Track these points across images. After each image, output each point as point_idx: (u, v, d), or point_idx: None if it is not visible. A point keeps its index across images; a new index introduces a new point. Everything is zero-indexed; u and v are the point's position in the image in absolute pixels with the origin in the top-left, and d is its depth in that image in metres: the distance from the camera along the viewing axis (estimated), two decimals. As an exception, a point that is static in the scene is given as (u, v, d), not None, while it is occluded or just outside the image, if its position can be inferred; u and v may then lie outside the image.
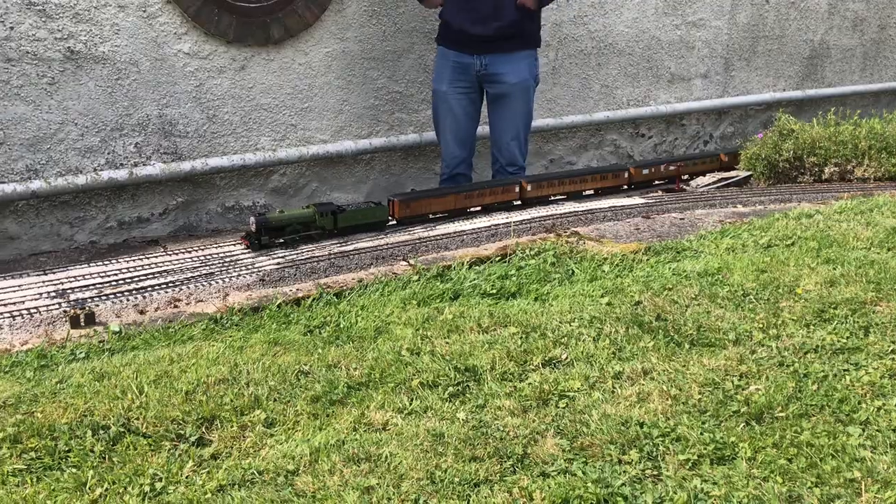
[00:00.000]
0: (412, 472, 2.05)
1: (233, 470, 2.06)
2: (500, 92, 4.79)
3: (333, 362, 2.60)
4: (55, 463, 2.09)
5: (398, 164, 5.48)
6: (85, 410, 2.27)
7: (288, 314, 2.98)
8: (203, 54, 4.70)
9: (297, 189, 5.19)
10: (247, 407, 2.34)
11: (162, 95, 4.63)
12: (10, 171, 4.33)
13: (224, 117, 4.83)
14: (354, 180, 5.36)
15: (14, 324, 2.75)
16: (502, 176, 4.82)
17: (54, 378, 2.45)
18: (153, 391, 2.38)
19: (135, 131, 4.61)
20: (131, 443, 2.18)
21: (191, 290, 3.06)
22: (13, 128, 4.30)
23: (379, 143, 5.27)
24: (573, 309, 2.98)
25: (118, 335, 2.76)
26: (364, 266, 3.35)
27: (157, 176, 4.63)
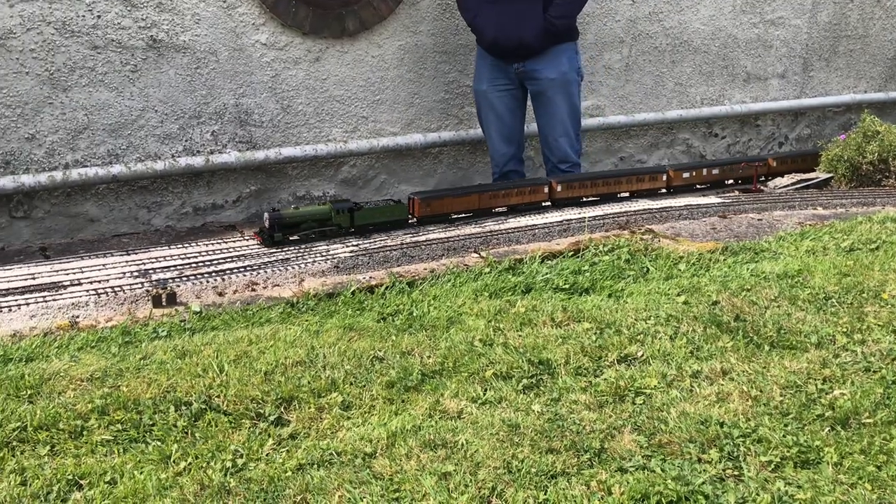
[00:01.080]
0: (489, 460, 2.04)
1: (311, 450, 2.09)
2: (540, 89, 4.73)
3: (407, 350, 2.62)
4: (140, 435, 2.15)
5: (466, 158, 5.48)
6: (168, 386, 2.33)
7: (362, 301, 3.01)
8: (279, 45, 4.77)
9: (366, 181, 5.23)
10: (324, 389, 2.37)
11: (238, 85, 4.72)
12: (92, 155, 4.47)
13: (298, 108, 4.90)
14: (422, 173, 5.38)
15: (99, 301, 2.84)
16: (556, 175, 4.75)
17: (138, 354, 2.52)
18: (233, 370, 2.42)
19: (212, 120, 4.71)
20: (212, 419, 2.22)
21: (268, 274, 3.11)
22: (97, 113, 4.44)
23: (448, 137, 5.27)
24: (648, 307, 2.94)
25: (198, 315, 2.82)
26: (435, 256, 3.35)
27: (232, 164, 4.72)
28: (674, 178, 4.51)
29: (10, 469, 1.98)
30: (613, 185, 4.34)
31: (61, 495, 1.90)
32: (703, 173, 4.65)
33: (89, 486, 1.93)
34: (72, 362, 2.45)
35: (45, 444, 2.09)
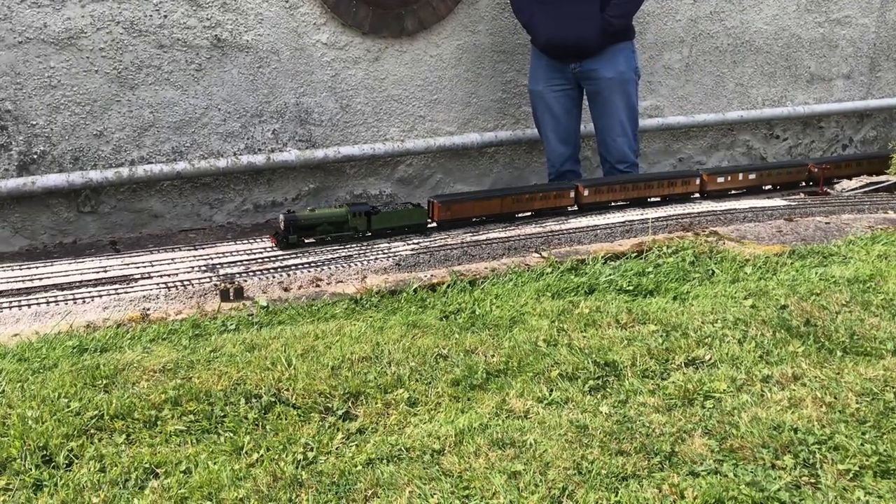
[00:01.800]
0: (558, 461, 2.03)
1: (380, 445, 2.10)
2: (597, 89, 4.68)
3: (471, 348, 2.62)
4: (212, 426, 2.19)
5: (522, 157, 5.47)
6: (238, 379, 2.36)
7: (424, 299, 3.02)
8: (340, 45, 4.82)
9: (422, 180, 5.25)
10: (390, 385, 2.38)
11: (299, 84, 4.78)
12: (157, 152, 4.57)
13: (357, 107, 4.94)
14: (478, 173, 5.38)
15: (169, 294, 2.90)
16: (613, 175, 4.70)
17: (208, 347, 2.57)
18: (301, 364, 2.45)
19: (273, 118, 4.77)
20: (282, 412, 2.25)
21: (331, 270, 3.14)
22: (162, 111, 4.53)
23: (505, 137, 5.26)
24: (715, 310, 2.89)
25: (265, 310, 2.86)
26: (496, 256, 3.35)
27: (292, 162, 4.78)
28: (707, 182, 4.34)
29: (88, 456, 2.03)
30: (643, 190, 4.19)
31: (139, 483, 1.94)
32: (738, 178, 4.46)
33: (165, 474, 1.97)
34: (144, 353, 2.51)
35: (121, 432, 2.13)
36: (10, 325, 2.68)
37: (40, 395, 2.25)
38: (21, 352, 2.51)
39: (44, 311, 2.74)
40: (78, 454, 2.04)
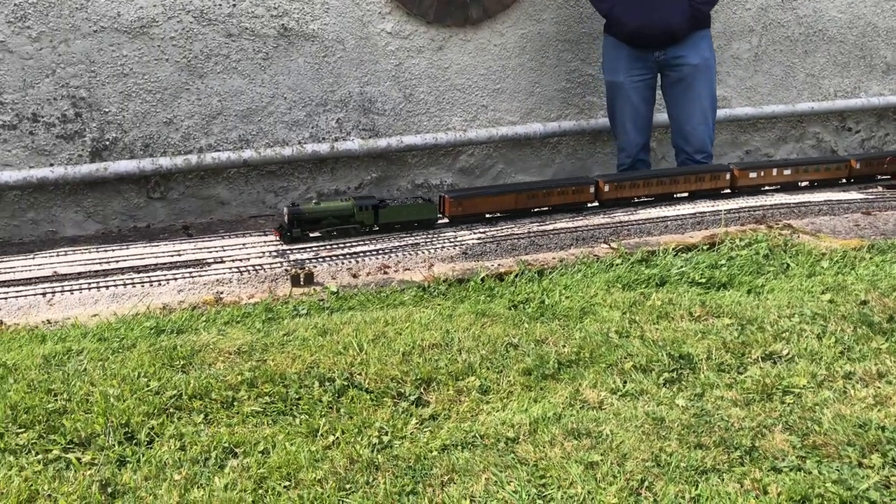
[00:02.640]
0: (636, 452, 2.00)
1: (454, 431, 2.10)
2: (681, 76, 4.58)
3: (541, 338, 2.59)
4: (287, 408, 2.21)
5: (585, 148, 5.41)
6: (311, 363, 2.38)
7: (492, 288, 3.01)
8: (404, 34, 4.82)
9: (484, 170, 5.23)
10: (461, 373, 2.38)
11: (364, 73, 4.79)
12: (225, 140, 4.64)
13: (420, 96, 4.94)
14: (540, 163, 5.33)
15: (241, 278, 2.94)
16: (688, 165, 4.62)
17: (281, 331, 2.59)
18: (372, 350, 2.46)
19: (337, 107, 4.80)
20: (355, 396, 2.26)
21: (399, 258, 3.15)
22: (230, 100, 4.60)
23: (568, 127, 5.21)
24: (792, 304, 2.82)
25: (336, 295, 2.88)
26: (564, 246, 3.32)
27: (355, 151, 4.80)
28: (738, 177, 4.10)
29: (168, 434, 2.07)
30: (669, 185, 3.98)
31: (218, 461, 1.97)
32: (772, 173, 4.22)
33: (244, 454, 2.00)
34: (219, 335, 2.54)
35: (199, 412, 2.17)
36: (89, 306, 2.75)
37: (120, 373, 2.30)
38: (100, 332, 2.58)
39: (121, 292, 2.80)
40: (158, 432, 2.08)
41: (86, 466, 1.94)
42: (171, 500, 1.81)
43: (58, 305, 2.73)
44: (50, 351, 2.41)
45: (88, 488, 1.84)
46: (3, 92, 4.18)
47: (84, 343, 2.48)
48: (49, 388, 2.21)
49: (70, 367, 2.33)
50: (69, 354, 2.40)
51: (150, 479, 1.90)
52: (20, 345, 2.49)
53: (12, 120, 4.23)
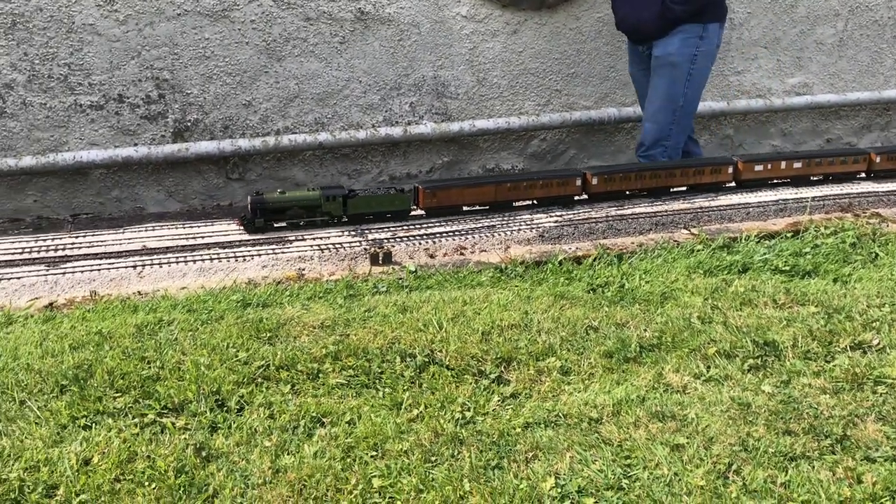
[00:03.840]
0: (722, 436, 1.97)
1: (536, 410, 2.10)
2: (652, 67, 4.34)
3: (621, 321, 2.58)
4: (370, 382, 2.25)
5: (660, 135, 5.32)
6: (392, 339, 2.41)
7: (570, 271, 2.99)
8: (479, 17, 4.81)
9: (556, 155, 5.20)
10: (541, 353, 2.38)
11: (438, 57, 4.80)
12: (301, 123, 4.71)
13: (493, 80, 4.93)
14: (613, 149, 5.27)
15: (322, 256, 2.99)
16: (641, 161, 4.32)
17: (362, 307, 2.63)
18: (451, 328, 2.48)
19: (411, 91, 4.83)
20: (436, 372, 2.28)
21: (475, 239, 3.16)
22: (307, 83, 4.67)
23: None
24: (882, 293, 2.73)
25: (414, 274, 2.91)
26: (643, 231, 3.28)
27: (427, 135, 4.82)
28: (742, 171, 3.86)
29: (258, 403, 2.13)
30: (664, 179, 3.77)
31: (307, 430, 2.02)
32: (780, 166, 3.92)
33: (331, 424, 2.04)
34: (303, 310, 2.60)
35: (286, 382, 2.22)
36: (177, 279, 2.83)
37: (210, 343, 2.37)
38: (189, 304, 2.66)
39: (208, 266, 2.88)
40: (248, 400, 2.14)
41: (179, 431, 2.01)
42: (263, 465, 1.86)
43: (148, 278, 2.82)
44: (142, 321, 2.49)
45: (184, 451, 1.91)
46: (91, 73, 4.32)
47: (174, 314, 2.56)
48: (143, 355, 2.29)
49: (161, 336, 2.42)
50: (160, 324, 2.49)
51: (242, 444, 1.96)
52: (114, 314, 2.59)
53: (99, 101, 4.37)
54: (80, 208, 4.55)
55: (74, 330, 2.44)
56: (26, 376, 2.18)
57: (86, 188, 4.50)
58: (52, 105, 4.30)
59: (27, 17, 4.16)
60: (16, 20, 4.14)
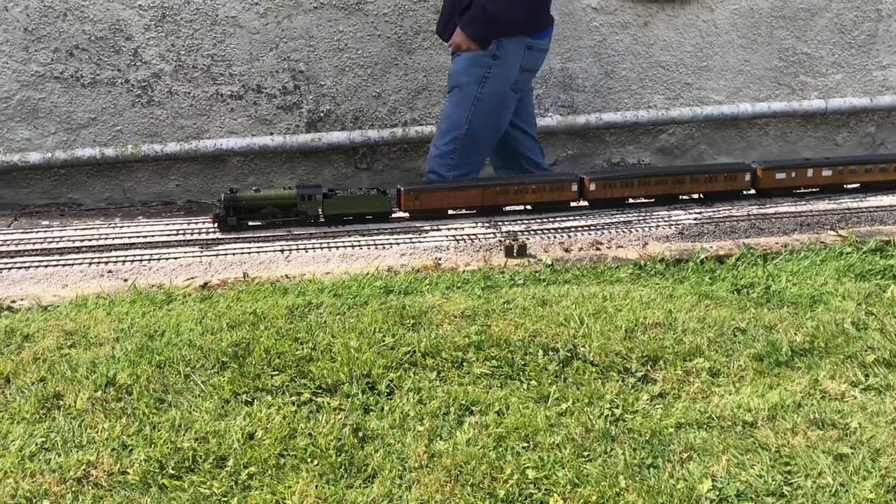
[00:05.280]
0: (890, 448, 1.89)
1: (687, 410, 2.07)
2: None
3: (770, 324, 2.49)
4: (514, 373, 2.26)
5: (795, 131, 5.11)
6: (533, 331, 2.42)
7: (712, 270, 2.92)
8: (609, 10, 4.74)
9: (684, 150, 5.07)
10: (688, 353, 2.33)
11: (566, 49, 4.77)
12: (428, 114, 4.77)
13: (621, 73, 4.85)
14: (745, 145, 5.10)
15: (458, 247, 3.03)
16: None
17: (500, 299, 2.65)
18: (593, 324, 2.46)
19: (537, 83, 4.80)
20: (580, 367, 2.28)
21: (612, 234, 3.13)
22: (434, 75, 4.72)
23: (778, 108, 4.94)
24: None
25: (550, 268, 2.91)
26: (787, 231, 3.16)
27: (553, 127, 4.80)
28: (762, 178, 3.56)
29: (407, 387, 2.18)
30: (672, 185, 3.51)
31: (457, 417, 2.05)
32: (807, 174, 3.59)
33: (480, 412, 2.07)
34: (443, 299, 2.64)
35: (431, 369, 2.27)
36: (321, 264, 2.93)
37: (357, 328, 2.44)
38: (335, 288, 2.74)
39: (349, 253, 2.97)
40: (397, 384, 2.19)
41: (334, 411, 2.08)
42: (418, 448, 1.91)
43: (294, 262, 2.93)
44: (293, 303, 2.59)
45: (341, 430, 1.97)
46: (232, 64, 4.51)
47: (322, 297, 2.65)
48: (295, 336, 2.38)
49: (311, 318, 2.50)
50: (309, 307, 2.58)
51: (395, 427, 2.01)
52: (265, 295, 2.70)
53: (239, 91, 4.56)
54: (219, 193, 4.76)
55: (230, 309, 2.56)
56: (189, 352, 2.30)
57: (224, 174, 4.71)
58: (195, 94, 4.52)
59: (175, 10, 4.38)
60: (165, 13, 4.37)
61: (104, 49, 4.38)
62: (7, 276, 2.79)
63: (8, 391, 2.15)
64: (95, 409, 2.06)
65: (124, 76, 4.44)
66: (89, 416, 2.04)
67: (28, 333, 2.40)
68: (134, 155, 4.47)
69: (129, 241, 3.04)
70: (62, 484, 1.79)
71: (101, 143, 4.50)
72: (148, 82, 4.44)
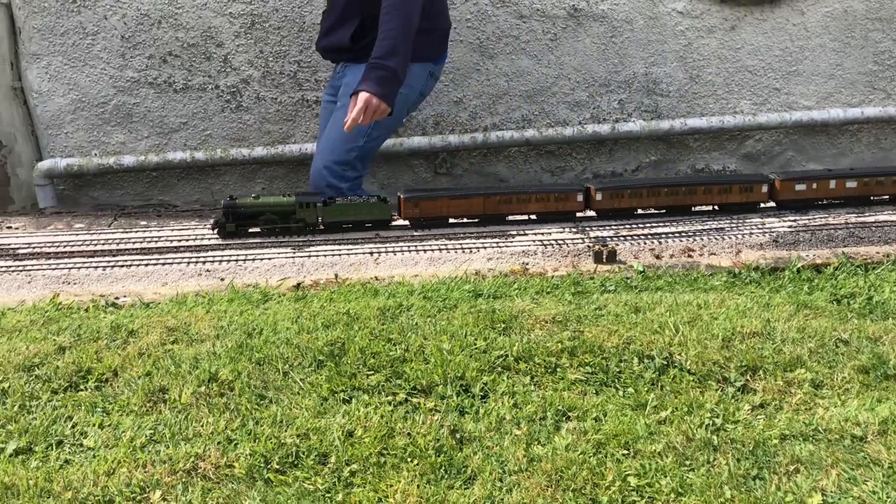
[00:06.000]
0: None
1: (791, 422, 2.01)
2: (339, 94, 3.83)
3: (874, 336, 2.41)
4: (609, 380, 2.24)
5: (890, 138, 4.93)
6: (627, 338, 2.39)
7: (810, 279, 2.84)
8: (695, 13, 4.66)
9: (771, 157, 4.95)
10: (788, 364, 2.27)
11: (650, 54, 4.71)
12: (508, 119, 4.77)
13: (706, 78, 4.77)
14: (835, 152, 4.94)
15: (546, 252, 3.02)
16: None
17: (592, 304, 2.63)
18: (689, 332, 2.42)
19: (620, 88, 4.76)
20: (677, 376, 2.24)
21: (703, 242, 3.07)
22: (516, 80, 4.72)
23: (872, 114, 4.77)
24: None
25: (642, 275, 2.87)
26: (889, 241, 3.05)
27: (636, 133, 4.74)
28: (780, 190, 3.44)
29: (501, 391, 2.18)
30: (684, 196, 3.41)
31: (554, 422, 2.04)
32: (829, 186, 3.46)
33: (577, 418, 2.05)
34: (533, 304, 2.63)
35: (525, 374, 2.26)
36: (409, 267, 2.96)
37: (448, 330, 2.45)
38: (424, 291, 2.76)
39: (437, 257, 2.99)
40: (491, 388, 2.19)
41: (430, 412, 2.10)
42: (517, 452, 1.91)
43: (383, 264, 2.97)
44: (383, 304, 2.62)
45: (439, 431, 1.99)
46: (318, 70, 4.60)
47: (412, 300, 2.67)
48: (388, 337, 2.41)
49: (403, 320, 2.53)
50: (400, 309, 2.60)
51: (492, 430, 2.01)
52: (356, 297, 2.74)
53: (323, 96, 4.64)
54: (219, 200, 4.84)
55: (324, 309, 2.61)
56: (286, 350, 2.35)
57: (308, 178, 4.79)
58: (281, 100, 4.62)
59: (264, 18, 4.49)
60: (255, 20, 4.49)
61: (196, 56, 4.52)
62: (111, 274, 2.91)
63: (116, 384, 2.24)
64: (199, 404, 2.12)
65: (214, 82, 4.57)
66: (194, 410, 2.10)
67: (132, 329, 2.49)
68: (223, 159, 4.60)
69: (225, 242, 3.13)
70: (172, 475, 1.85)
71: (191, 147, 4.64)
72: (237, 88, 4.56)
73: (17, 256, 3.03)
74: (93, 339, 2.43)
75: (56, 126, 4.54)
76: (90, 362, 2.30)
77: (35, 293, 2.82)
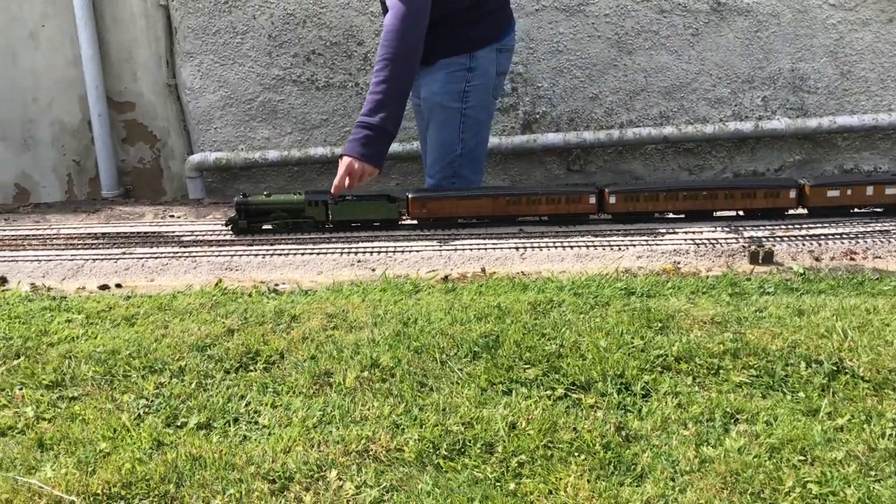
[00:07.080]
0: None
1: (985, 437, 1.89)
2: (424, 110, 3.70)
3: None
4: (775, 384, 2.16)
5: None
6: (792, 342, 2.30)
7: None
8: (848, 6, 4.44)
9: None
10: (975, 375, 2.13)
11: (797, 49, 4.52)
12: (645, 116, 4.69)
13: (859, 73, 4.53)
14: None
15: (698, 251, 2.95)
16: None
17: (751, 306, 2.55)
18: (859, 337, 2.31)
19: (764, 84, 4.59)
20: (848, 382, 2.14)
21: (867, 244, 2.92)
22: (654, 76, 4.63)
23: None
24: None
25: (802, 277, 2.76)
26: None
27: (780, 131, 4.57)
28: (810, 196, 3.20)
29: (663, 391, 2.14)
30: (704, 201, 3.23)
31: (722, 424, 1.99)
32: (866, 192, 3.21)
33: (746, 421, 2.00)
34: (689, 304, 2.57)
35: (686, 374, 2.21)
36: (556, 263, 2.95)
37: (603, 328, 2.43)
38: (574, 287, 2.75)
39: (584, 253, 2.97)
40: (652, 387, 2.16)
41: (591, 408, 2.08)
42: (687, 452, 1.87)
43: (529, 259, 2.97)
44: (534, 299, 2.63)
45: (604, 427, 1.97)
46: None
47: (562, 295, 2.66)
48: (542, 332, 2.41)
49: (555, 315, 2.52)
50: (551, 304, 2.60)
51: (658, 429, 1.98)
52: (505, 290, 2.76)
53: (459, 93, 4.68)
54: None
55: (475, 302, 2.64)
56: (442, 340, 2.39)
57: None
58: (418, 96, 4.70)
59: (404, 16, 4.56)
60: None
61: (337, 54, 4.66)
62: (270, 262, 3.04)
63: (283, 366, 2.33)
64: (364, 388, 2.19)
65: (354, 80, 4.70)
66: (359, 394, 2.17)
67: (295, 314, 2.59)
68: (361, 154, 4.71)
69: (374, 234, 3.21)
70: (346, 455, 1.91)
71: (331, 143, 4.79)
72: (376, 85, 4.66)
73: (183, 243, 3.20)
74: (258, 322, 2.55)
75: (206, 121, 4.78)
76: (258, 345, 2.41)
77: (200, 278, 2.98)
